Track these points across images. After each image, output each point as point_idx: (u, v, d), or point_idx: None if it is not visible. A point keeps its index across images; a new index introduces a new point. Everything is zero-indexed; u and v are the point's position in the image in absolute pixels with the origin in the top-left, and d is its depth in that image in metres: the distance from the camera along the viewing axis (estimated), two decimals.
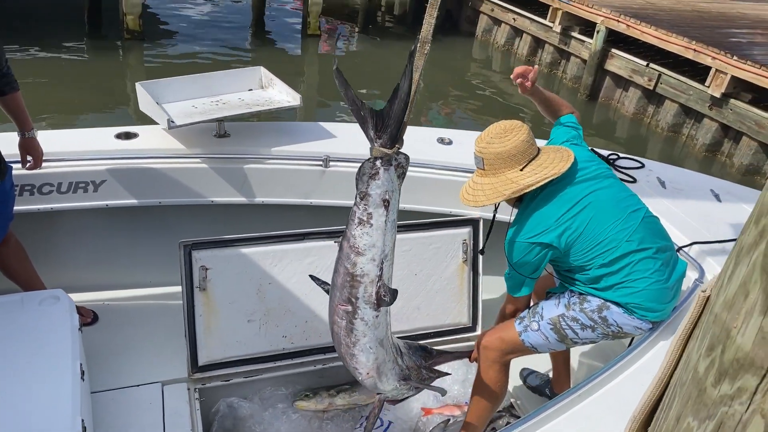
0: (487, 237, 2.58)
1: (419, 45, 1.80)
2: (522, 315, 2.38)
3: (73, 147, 2.91)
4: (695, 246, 2.70)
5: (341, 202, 3.16)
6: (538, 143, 2.27)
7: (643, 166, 3.36)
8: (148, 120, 3.12)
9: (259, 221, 3.06)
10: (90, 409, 2.24)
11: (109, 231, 3.23)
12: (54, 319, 2.24)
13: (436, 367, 2.37)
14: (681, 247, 2.68)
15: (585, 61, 9.66)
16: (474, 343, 2.61)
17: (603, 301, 2.23)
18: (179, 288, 2.58)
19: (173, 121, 2.89)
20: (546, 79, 10.21)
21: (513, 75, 2.41)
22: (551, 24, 10.21)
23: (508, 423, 2.70)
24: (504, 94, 10.04)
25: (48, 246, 3.10)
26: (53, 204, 2.86)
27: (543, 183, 2.15)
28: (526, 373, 3.04)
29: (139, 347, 2.83)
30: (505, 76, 10.49)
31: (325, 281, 2.19)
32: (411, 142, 1.99)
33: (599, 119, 9.27)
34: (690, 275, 2.55)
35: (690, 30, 8.61)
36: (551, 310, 2.32)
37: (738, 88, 7.68)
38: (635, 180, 3.16)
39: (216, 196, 3.08)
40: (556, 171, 2.15)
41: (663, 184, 3.20)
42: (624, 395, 2.00)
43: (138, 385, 2.62)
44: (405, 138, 1.86)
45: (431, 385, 2.33)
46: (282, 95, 3.37)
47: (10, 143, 2.63)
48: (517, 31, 11.23)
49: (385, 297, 1.91)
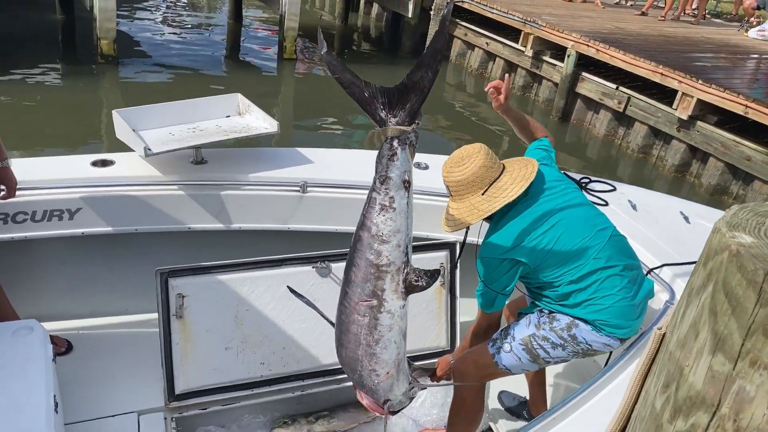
0: (459, 255, 2.62)
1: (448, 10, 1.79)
2: (494, 337, 2.42)
3: (48, 175, 2.88)
4: (666, 268, 2.77)
5: (319, 227, 3.17)
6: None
7: (615, 189, 3.44)
8: (124, 146, 3.09)
9: (237, 247, 3.06)
10: None
11: (85, 259, 3.19)
12: (27, 350, 2.20)
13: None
14: (652, 269, 2.75)
15: (557, 84, 9.86)
16: (436, 361, 2.63)
17: (572, 319, 2.28)
18: (155, 316, 2.56)
19: (150, 149, 2.89)
20: (519, 102, 10.39)
21: (487, 87, 2.51)
22: (523, 48, 10.41)
23: None
24: (479, 116, 10.18)
25: (22, 275, 3.05)
26: (27, 232, 2.82)
27: (502, 206, 2.21)
28: (503, 396, 3.06)
29: (115, 376, 2.79)
30: (480, 99, 10.69)
31: (303, 294, 2.27)
32: None
33: (571, 140, 9.43)
34: (661, 297, 2.61)
35: (657, 54, 8.84)
36: (522, 330, 2.36)
37: (704, 110, 7.88)
38: (607, 203, 3.24)
39: (193, 222, 3.07)
40: (513, 194, 2.22)
41: (634, 206, 3.28)
42: (600, 417, 2.02)
43: (114, 416, 2.58)
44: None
45: (437, 383, 2.36)
46: (259, 121, 3.39)
47: None
48: (491, 55, 11.42)
49: (419, 281, 1.77)
